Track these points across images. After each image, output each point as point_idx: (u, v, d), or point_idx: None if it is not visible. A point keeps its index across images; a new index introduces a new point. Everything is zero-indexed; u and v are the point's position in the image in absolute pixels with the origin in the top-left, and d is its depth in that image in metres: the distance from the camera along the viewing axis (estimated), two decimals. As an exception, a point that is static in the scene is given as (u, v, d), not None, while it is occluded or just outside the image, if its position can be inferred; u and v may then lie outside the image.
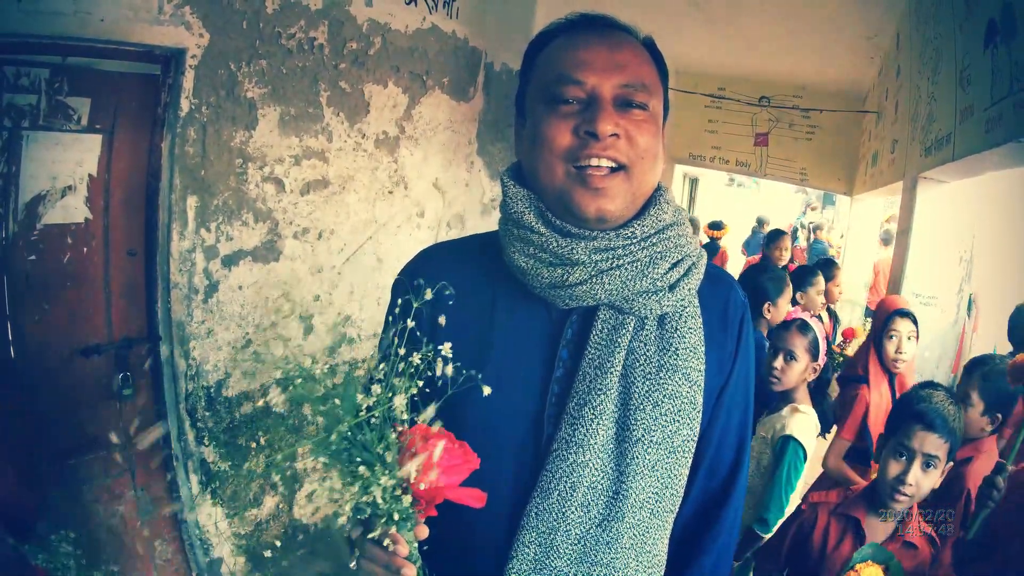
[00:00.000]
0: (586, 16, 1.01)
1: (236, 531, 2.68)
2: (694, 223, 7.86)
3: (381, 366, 0.82)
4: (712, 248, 7.45)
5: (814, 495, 1.92)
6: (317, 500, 0.78)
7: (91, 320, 2.24)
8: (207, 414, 2.53)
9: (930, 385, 1.88)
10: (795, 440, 2.21)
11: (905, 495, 1.67)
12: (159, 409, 2.43)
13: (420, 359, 0.81)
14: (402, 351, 0.81)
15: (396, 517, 0.80)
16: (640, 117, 0.94)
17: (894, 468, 1.70)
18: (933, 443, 1.69)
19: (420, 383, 0.81)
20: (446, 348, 0.82)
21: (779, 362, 2.34)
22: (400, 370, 0.81)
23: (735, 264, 9.47)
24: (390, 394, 0.79)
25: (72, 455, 2.21)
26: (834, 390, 2.95)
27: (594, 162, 0.92)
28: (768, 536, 2.14)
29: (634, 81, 0.94)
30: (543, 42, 1.02)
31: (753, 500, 2.24)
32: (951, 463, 1.74)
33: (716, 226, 8.01)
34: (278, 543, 2.80)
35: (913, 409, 1.73)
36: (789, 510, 2.15)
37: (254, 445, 2.69)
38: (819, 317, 3.99)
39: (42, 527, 1.90)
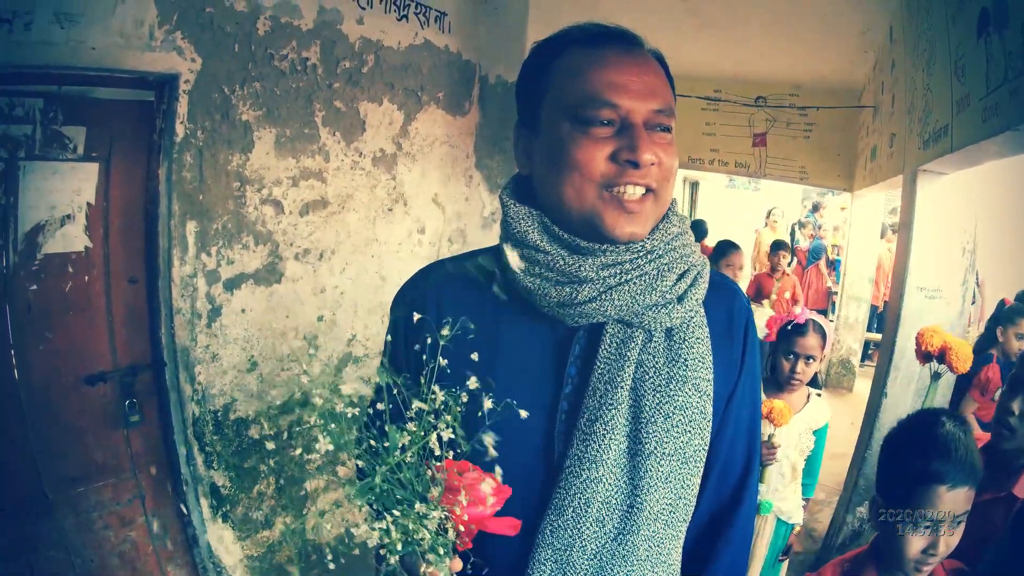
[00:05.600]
0: (609, 30, 0.97)
1: (248, 553, 2.67)
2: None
3: (415, 404, 0.80)
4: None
5: None
6: (368, 540, 0.76)
7: (95, 348, 2.24)
8: (215, 438, 2.52)
9: (928, 418, 1.44)
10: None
11: (932, 564, 1.33)
12: (167, 434, 2.43)
13: (444, 396, 0.80)
14: (437, 390, 0.81)
15: (441, 552, 0.79)
16: (666, 140, 0.94)
17: (918, 542, 1.31)
18: (965, 498, 1.32)
19: (451, 419, 0.80)
20: (472, 382, 0.82)
21: (800, 366, 2.34)
22: (430, 407, 0.80)
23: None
24: (422, 432, 0.79)
25: (81, 482, 2.21)
26: None
27: (630, 188, 0.91)
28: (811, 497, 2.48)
29: (664, 107, 0.93)
30: (558, 48, 0.98)
31: (795, 475, 2.40)
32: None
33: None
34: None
35: (931, 468, 1.32)
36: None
37: (263, 468, 2.69)
38: None
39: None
